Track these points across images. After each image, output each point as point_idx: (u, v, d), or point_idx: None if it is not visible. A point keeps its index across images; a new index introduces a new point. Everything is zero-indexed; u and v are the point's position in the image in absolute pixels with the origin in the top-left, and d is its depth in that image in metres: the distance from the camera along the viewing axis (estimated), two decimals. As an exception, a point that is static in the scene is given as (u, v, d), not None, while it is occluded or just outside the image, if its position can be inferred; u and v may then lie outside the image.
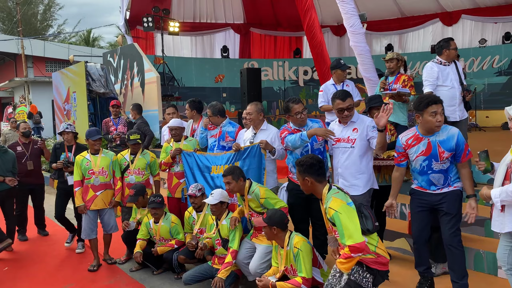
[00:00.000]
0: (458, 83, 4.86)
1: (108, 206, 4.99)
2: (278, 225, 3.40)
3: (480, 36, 13.53)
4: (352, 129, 3.87)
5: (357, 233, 2.78)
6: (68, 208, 5.83)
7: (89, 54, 24.94)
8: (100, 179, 4.91)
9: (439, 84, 4.86)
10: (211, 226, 4.34)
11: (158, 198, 4.65)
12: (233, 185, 3.87)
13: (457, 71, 4.89)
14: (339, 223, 2.82)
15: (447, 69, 4.88)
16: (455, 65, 4.93)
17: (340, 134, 3.93)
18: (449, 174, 3.42)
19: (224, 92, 13.91)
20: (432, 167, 3.41)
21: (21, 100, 19.93)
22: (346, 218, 2.81)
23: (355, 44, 6.91)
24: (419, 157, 3.44)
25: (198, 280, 4.15)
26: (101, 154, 4.98)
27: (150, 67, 11.08)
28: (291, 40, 16.42)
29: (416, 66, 13.61)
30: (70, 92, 11.84)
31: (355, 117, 3.91)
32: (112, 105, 7.46)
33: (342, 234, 2.80)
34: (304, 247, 3.28)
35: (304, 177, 3.09)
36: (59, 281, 4.61)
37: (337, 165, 3.99)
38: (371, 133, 3.78)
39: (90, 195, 4.89)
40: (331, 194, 2.98)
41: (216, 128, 5.01)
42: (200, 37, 15.74)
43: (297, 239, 3.35)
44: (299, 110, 4.01)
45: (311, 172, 3.07)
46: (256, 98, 10.26)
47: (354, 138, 3.84)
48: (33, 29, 36.27)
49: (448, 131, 3.40)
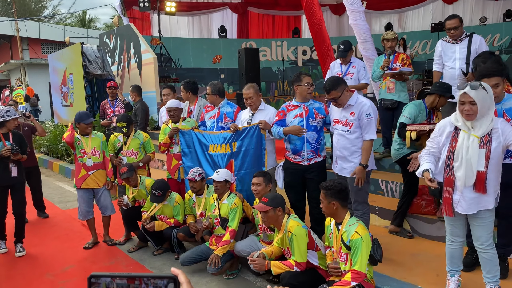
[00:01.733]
0: (463, 62, 4.65)
1: (100, 186, 4.98)
2: (282, 205, 3.45)
3: (481, 14, 13.35)
4: (350, 112, 3.85)
5: (365, 263, 2.97)
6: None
7: (85, 36, 24.63)
8: (93, 160, 4.93)
9: (444, 63, 4.82)
10: (212, 205, 4.35)
11: (159, 192, 4.50)
12: (262, 187, 3.91)
13: (468, 50, 4.63)
14: (358, 250, 2.95)
15: (454, 47, 4.73)
16: (469, 42, 4.65)
17: (339, 115, 3.93)
18: None
19: (222, 73, 13.78)
20: None
21: (18, 83, 19.76)
22: (365, 248, 2.96)
23: (354, 23, 6.79)
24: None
25: (195, 261, 4.18)
26: (91, 135, 4.99)
27: (147, 48, 10.94)
28: (290, 20, 16.19)
29: (416, 45, 13.48)
30: (66, 74, 11.73)
31: (353, 100, 3.84)
32: (108, 86, 7.37)
33: (355, 259, 2.96)
34: (297, 232, 3.31)
35: (331, 201, 3.11)
36: (59, 262, 4.64)
37: (335, 146, 4.01)
38: (365, 120, 3.78)
39: (82, 174, 4.92)
40: (355, 220, 3.11)
41: (214, 109, 4.98)
42: (197, 17, 15.50)
43: (291, 223, 3.38)
44: (309, 81, 4.06)
45: (339, 197, 3.12)
46: (254, 79, 10.15)
47: (351, 122, 3.84)
48: (28, 10, 35.72)
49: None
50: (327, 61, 7.18)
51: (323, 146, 4.14)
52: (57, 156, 10.82)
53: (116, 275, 0.83)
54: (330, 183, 3.15)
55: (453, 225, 3.18)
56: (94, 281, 0.83)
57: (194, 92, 5.49)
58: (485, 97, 2.85)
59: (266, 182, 3.93)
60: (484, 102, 2.85)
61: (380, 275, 3.54)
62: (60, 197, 7.53)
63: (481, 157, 2.88)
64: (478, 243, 3.08)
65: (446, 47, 4.81)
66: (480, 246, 3.07)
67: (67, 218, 6.23)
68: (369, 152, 3.81)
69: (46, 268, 4.51)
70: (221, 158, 4.67)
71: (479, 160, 2.88)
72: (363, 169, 3.78)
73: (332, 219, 3.26)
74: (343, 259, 3.10)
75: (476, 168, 2.89)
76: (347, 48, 5.32)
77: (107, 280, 0.83)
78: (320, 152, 4.14)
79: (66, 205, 6.96)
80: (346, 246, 3.06)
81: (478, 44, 4.62)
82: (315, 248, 3.44)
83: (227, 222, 4.11)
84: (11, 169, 4.75)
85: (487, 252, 3.05)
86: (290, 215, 3.52)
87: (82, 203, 4.98)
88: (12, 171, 4.76)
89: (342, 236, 3.09)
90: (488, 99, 2.87)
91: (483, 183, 2.90)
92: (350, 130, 3.83)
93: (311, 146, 4.10)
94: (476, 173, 2.90)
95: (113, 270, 4.42)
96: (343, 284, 2.95)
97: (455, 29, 4.65)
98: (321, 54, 7.60)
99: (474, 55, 4.55)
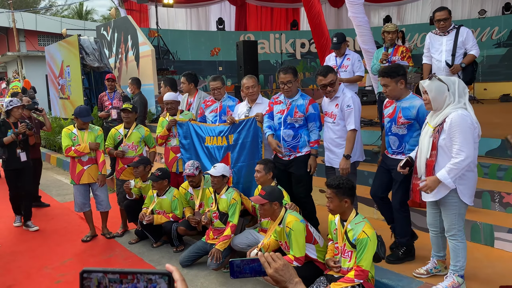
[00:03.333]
0: (449, 54, 4.68)
1: (95, 181, 4.97)
2: (279, 200, 3.44)
3: (480, 7, 13.30)
4: (335, 104, 3.96)
5: (370, 262, 2.98)
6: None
7: (82, 28, 24.45)
8: (87, 154, 4.91)
9: (432, 55, 4.87)
10: (209, 199, 4.35)
11: (158, 172, 4.63)
12: (262, 175, 3.93)
13: (455, 42, 4.67)
14: (364, 248, 2.95)
15: (441, 39, 4.75)
16: (456, 34, 4.69)
17: (327, 108, 4.06)
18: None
19: (220, 65, 13.73)
20: None
21: (14, 75, 19.62)
22: (371, 247, 2.97)
23: (353, 15, 6.74)
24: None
25: (194, 259, 4.19)
26: (88, 130, 4.97)
27: (144, 40, 10.88)
28: (288, 12, 16.11)
29: (415, 38, 13.42)
30: (63, 67, 11.66)
31: (339, 92, 3.96)
32: (107, 78, 7.32)
33: (360, 257, 2.96)
34: (296, 227, 3.30)
35: (343, 199, 3.07)
36: (58, 255, 4.64)
37: (324, 138, 4.15)
38: (346, 111, 3.86)
39: (78, 170, 4.92)
40: (362, 218, 3.10)
41: (215, 103, 4.97)
42: (195, 9, 15.40)
43: (289, 218, 3.37)
44: (284, 80, 4.03)
45: (351, 194, 3.10)
46: (252, 72, 10.09)
47: (336, 114, 3.94)
48: (24, 2, 35.41)
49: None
50: (325, 53, 7.14)
51: (304, 142, 4.10)
52: (54, 149, 10.79)
53: (109, 271, 0.82)
54: (338, 181, 3.08)
55: (428, 213, 3.39)
56: (86, 276, 0.82)
57: (196, 84, 5.48)
58: (439, 88, 3.01)
59: (266, 170, 3.94)
60: (437, 93, 3.01)
61: (380, 269, 3.56)
62: (58, 190, 7.52)
63: (429, 146, 3.10)
64: (445, 232, 3.25)
65: (434, 39, 4.84)
66: (446, 235, 3.25)
67: (65, 211, 6.22)
68: (351, 142, 3.85)
69: (44, 261, 4.51)
70: (217, 150, 4.66)
71: (428, 149, 3.10)
72: (346, 160, 3.84)
73: (336, 216, 3.25)
74: (347, 256, 3.10)
75: (426, 156, 3.12)
76: (340, 40, 5.32)
77: (99, 276, 0.82)
78: (299, 149, 4.13)
79: (64, 198, 6.95)
80: (351, 243, 3.05)
81: (464, 37, 4.65)
82: (313, 241, 3.44)
83: (226, 216, 4.11)
84: (19, 154, 5.36)
85: (450, 241, 3.20)
86: (287, 209, 3.51)
87: (78, 196, 5.00)
88: (20, 156, 5.37)
89: (348, 234, 3.08)
90: (444, 92, 3.01)
91: (431, 171, 3.09)
92: (334, 121, 3.96)
93: (287, 144, 4.13)
94: (425, 161, 3.13)
95: (112, 263, 4.42)
96: (346, 281, 2.96)
97: (444, 20, 4.68)
98: (320, 46, 7.57)
99: (461, 47, 4.63)
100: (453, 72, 4.63)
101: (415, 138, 3.52)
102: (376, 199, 3.94)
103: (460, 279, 3.17)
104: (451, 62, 4.68)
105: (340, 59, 5.46)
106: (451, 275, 3.20)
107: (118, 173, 5.10)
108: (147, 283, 0.81)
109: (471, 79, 4.69)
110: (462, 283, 3.18)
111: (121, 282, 0.81)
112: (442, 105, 3.04)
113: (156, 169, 4.71)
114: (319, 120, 4.09)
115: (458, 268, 3.18)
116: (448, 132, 2.97)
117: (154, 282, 0.81)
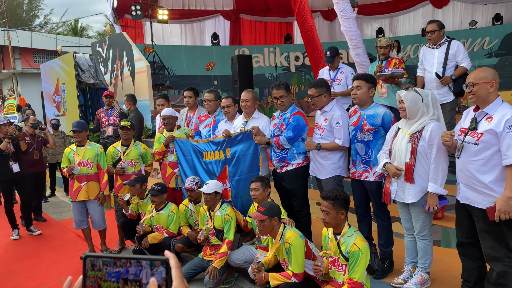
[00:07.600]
0: (441, 66, 4.80)
1: (91, 198, 4.96)
2: (278, 215, 3.44)
3: (470, 18, 13.50)
4: (324, 118, 4.06)
5: (363, 274, 2.98)
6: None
7: (78, 44, 24.59)
8: (83, 170, 4.91)
9: (425, 67, 4.99)
10: (204, 217, 4.35)
11: (157, 186, 4.65)
12: (260, 192, 3.94)
13: (446, 54, 4.78)
14: (356, 261, 2.96)
15: (433, 52, 4.89)
16: (447, 48, 4.80)
17: (317, 120, 4.17)
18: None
19: (215, 79, 13.80)
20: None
21: (10, 92, 19.66)
22: (363, 259, 2.98)
23: (346, 29, 6.85)
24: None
25: (191, 276, 4.16)
26: (87, 146, 4.99)
27: (139, 56, 10.93)
28: (282, 26, 16.28)
29: (407, 50, 13.58)
30: (59, 84, 11.69)
31: (329, 107, 4.03)
32: (105, 95, 7.37)
33: (352, 270, 2.96)
34: (295, 242, 3.30)
35: (340, 211, 3.09)
36: (54, 274, 4.61)
37: None
38: (334, 128, 3.95)
39: (76, 187, 4.92)
40: (354, 231, 3.11)
41: (209, 118, 5.00)
42: (190, 25, 15.54)
43: (289, 233, 3.37)
44: (277, 95, 4.20)
45: (346, 206, 3.13)
46: (248, 85, 10.17)
47: (324, 127, 4.03)
48: (19, 19, 35.59)
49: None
50: (319, 67, 7.22)
51: (292, 154, 4.17)
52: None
53: (104, 256, 0.85)
54: (335, 193, 3.09)
55: (402, 217, 3.55)
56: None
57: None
58: (415, 99, 3.25)
59: (264, 187, 3.96)
60: (412, 103, 3.25)
61: (375, 281, 3.58)
62: (54, 207, 7.49)
63: (408, 150, 3.27)
64: (415, 233, 3.44)
65: (427, 52, 4.97)
66: (416, 236, 3.43)
67: (62, 229, 6.20)
68: (329, 145, 3.94)
69: (41, 280, 4.48)
70: (215, 164, 4.68)
71: (406, 153, 3.28)
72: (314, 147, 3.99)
73: (329, 229, 3.25)
74: (341, 270, 3.09)
75: (404, 160, 3.29)
76: (333, 54, 5.39)
77: (93, 259, 0.85)
78: (288, 161, 4.19)
79: (60, 216, 6.92)
80: (344, 257, 3.05)
81: (455, 49, 4.78)
82: (312, 258, 3.43)
83: (222, 233, 4.11)
84: (12, 166, 5.56)
85: (419, 241, 3.41)
86: (286, 225, 3.51)
87: (75, 213, 5.01)
88: (13, 167, 5.57)
89: (341, 247, 3.07)
90: (419, 103, 3.25)
91: (411, 174, 3.28)
92: (322, 134, 4.05)
93: (276, 155, 4.25)
94: (404, 164, 3.29)
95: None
96: None
97: (431, 32, 4.84)
98: (314, 60, 7.66)
99: (452, 59, 4.77)
100: (443, 83, 4.77)
101: (380, 144, 3.69)
102: (359, 215, 4.05)
103: (427, 275, 3.44)
104: (442, 73, 4.79)
105: (333, 72, 5.52)
106: (420, 272, 3.43)
107: (117, 190, 5.10)
108: (140, 266, 0.82)
109: (462, 91, 4.77)
110: (428, 279, 3.45)
111: (115, 264, 0.84)
112: (416, 114, 3.28)
113: (154, 184, 4.72)
114: (294, 130, 4.11)
115: (427, 266, 3.43)
116: (428, 140, 3.20)
117: (146, 266, 0.82)
